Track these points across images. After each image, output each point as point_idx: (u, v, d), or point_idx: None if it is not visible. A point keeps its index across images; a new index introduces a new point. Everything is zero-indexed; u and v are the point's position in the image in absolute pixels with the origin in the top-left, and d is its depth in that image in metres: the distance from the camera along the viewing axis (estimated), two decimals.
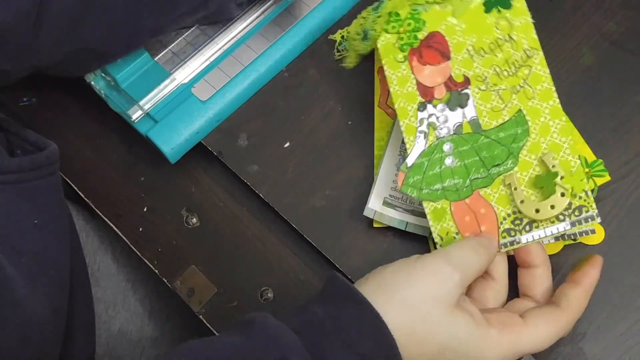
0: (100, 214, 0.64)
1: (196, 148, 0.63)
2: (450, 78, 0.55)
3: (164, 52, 0.65)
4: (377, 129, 0.61)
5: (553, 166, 0.52)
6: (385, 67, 0.56)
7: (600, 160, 0.55)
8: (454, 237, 0.53)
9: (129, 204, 0.64)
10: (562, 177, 0.52)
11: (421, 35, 0.56)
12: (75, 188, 0.65)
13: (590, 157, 0.56)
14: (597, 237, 0.55)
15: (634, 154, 0.58)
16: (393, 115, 0.61)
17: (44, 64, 0.58)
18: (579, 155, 0.55)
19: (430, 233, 0.56)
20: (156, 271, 0.61)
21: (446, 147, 0.54)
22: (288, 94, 0.64)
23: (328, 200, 0.60)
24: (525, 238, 0.52)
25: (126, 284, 0.70)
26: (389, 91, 0.62)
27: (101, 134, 0.67)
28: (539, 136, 0.53)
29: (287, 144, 0.62)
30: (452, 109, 0.55)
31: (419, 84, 0.55)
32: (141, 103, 0.62)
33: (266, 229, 0.61)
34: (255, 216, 0.62)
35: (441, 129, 0.55)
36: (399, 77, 0.56)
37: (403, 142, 0.59)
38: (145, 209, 0.63)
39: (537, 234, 0.52)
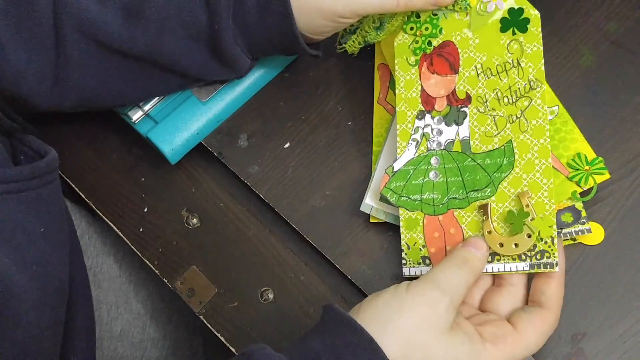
0: (100, 214, 0.64)
1: (196, 149, 0.63)
2: (454, 92, 0.56)
3: None
4: (376, 125, 0.61)
5: (527, 205, 0.52)
6: (397, 67, 0.57)
7: (600, 158, 0.55)
8: (420, 249, 0.54)
9: (130, 204, 0.64)
10: (532, 219, 0.52)
11: (435, 42, 0.57)
12: (76, 189, 0.65)
13: (591, 155, 0.56)
14: (597, 237, 0.55)
15: (634, 154, 0.58)
16: (392, 112, 0.61)
17: (69, 111, 0.61)
18: (579, 153, 0.55)
19: None
20: (157, 272, 0.61)
21: (433, 160, 0.55)
22: (288, 95, 0.64)
23: (328, 201, 0.60)
24: (486, 268, 0.52)
25: (128, 286, 0.71)
26: (388, 88, 0.62)
27: (102, 135, 0.67)
28: (522, 172, 0.53)
29: (287, 145, 0.62)
30: (448, 123, 0.55)
31: (423, 91, 0.56)
32: (141, 104, 0.62)
33: (266, 229, 0.61)
34: (255, 216, 0.62)
35: (433, 141, 0.55)
36: (407, 80, 0.57)
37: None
38: (145, 210, 0.64)
39: (497, 266, 0.52)
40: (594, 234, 0.55)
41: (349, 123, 0.62)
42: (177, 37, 0.55)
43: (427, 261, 0.54)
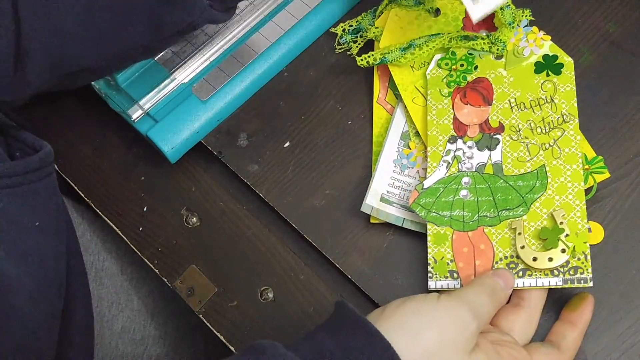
0: (100, 213, 0.64)
1: (196, 148, 0.63)
2: (487, 121, 0.57)
3: (164, 51, 0.65)
4: (375, 125, 0.62)
5: (561, 223, 0.52)
6: (428, 97, 0.59)
7: (600, 157, 0.55)
8: (447, 263, 0.54)
9: (129, 203, 0.64)
10: (567, 235, 0.52)
11: (470, 77, 0.59)
12: (76, 188, 0.65)
13: (590, 154, 0.56)
14: (597, 236, 0.55)
15: (634, 154, 0.58)
16: (391, 111, 0.61)
17: (41, 90, 0.58)
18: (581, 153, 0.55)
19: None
20: (156, 271, 0.61)
21: (465, 180, 0.56)
22: (288, 94, 0.64)
23: (328, 200, 0.60)
24: (516, 283, 0.52)
25: (129, 283, 0.71)
26: (387, 87, 0.62)
27: (101, 134, 0.67)
28: (555, 193, 0.54)
29: (287, 144, 0.62)
30: (480, 149, 0.56)
31: (455, 119, 0.58)
32: (141, 103, 0.62)
33: (266, 228, 0.61)
34: (255, 216, 0.62)
35: (465, 163, 0.56)
36: (439, 109, 0.58)
37: (401, 139, 0.59)
38: (145, 209, 0.64)
39: (528, 282, 0.52)
40: (594, 233, 0.55)
41: (349, 123, 0.62)
42: None
43: (455, 275, 0.54)
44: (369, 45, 0.64)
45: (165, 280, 0.61)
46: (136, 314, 0.70)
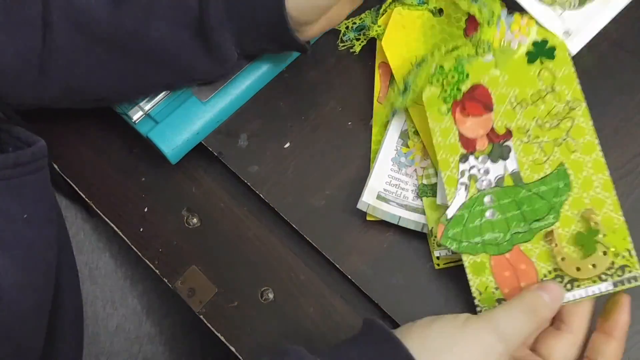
0: (101, 214, 0.64)
1: (197, 149, 0.63)
2: (492, 130, 0.55)
3: None
4: (375, 124, 0.62)
5: (595, 223, 0.50)
6: (429, 120, 0.56)
7: None
8: (493, 292, 0.52)
9: (130, 204, 0.64)
10: (604, 235, 0.50)
11: (464, 87, 0.56)
12: (77, 188, 0.65)
13: None
14: None
15: (634, 154, 0.58)
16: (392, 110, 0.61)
17: (50, 106, 0.60)
18: None
19: (427, 229, 0.57)
20: (157, 271, 0.61)
21: (487, 199, 0.54)
22: (288, 95, 0.64)
23: (328, 200, 0.60)
24: (567, 297, 0.50)
25: (124, 282, 0.71)
26: (389, 87, 0.62)
27: (102, 135, 0.67)
28: (581, 191, 0.52)
29: (287, 145, 0.62)
30: (493, 160, 0.54)
31: (461, 135, 0.55)
32: (142, 104, 0.62)
33: (266, 229, 0.62)
34: (255, 216, 0.62)
35: (482, 180, 0.54)
36: (442, 129, 0.55)
37: (400, 137, 0.59)
38: (145, 209, 0.64)
39: (578, 293, 0.50)
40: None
41: (349, 123, 0.62)
42: (164, 21, 0.55)
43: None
44: (371, 43, 0.64)
45: (166, 280, 0.61)
46: (131, 313, 0.70)
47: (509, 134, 0.54)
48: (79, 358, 0.60)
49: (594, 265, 0.50)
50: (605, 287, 0.50)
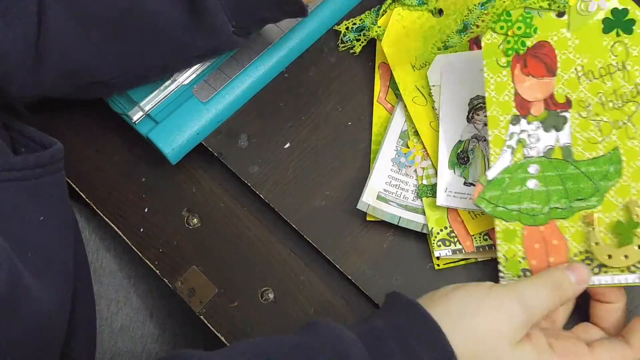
0: (101, 214, 0.64)
1: (197, 149, 0.63)
2: (552, 96, 0.52)
3: None
4: (375, 124, 0.62)
5: (637, 215, 0.49)
6: (485, 69, 0.53)
7: None
8: (519, 262, 0.52)
9: (130, 204, 0.64)
10: None
11: (529, 42, 0.52)
12: (77, 189, 0.65)
13: None
14: None
15: None
16: (391, 111, 0.61)
17: (54, 94, 0.60)
18: None
19: (427, 229, 0.57)
20: (157, 271, 0.61)
21: (532, 168, 0.52)
22: (288, 95, 0.64)
23: (328, 201, 0.60)
24: (592, 280, 0.50)
25: (128, 281, 0.71)
26: (388, 87, 0.62)
27: (102, 135, 0.67)
28: (630, 180, 0.50)
29: (287, 145, 0.63)
30: (546, 129, 0.52)
31: (517, 94, 0.52)
32: (142, 104, 0.62)
33: (266, 229, 0.62)
34: (255, 217, 0.62)
35: (531, 148, 0.52)
36: (498, 82, 0.53)
37: (400, 138, 0.59)
38: (146, 210, 0.64)
39: (604, 279, 0.50)
40: None
41: (349, 123, 0.62)
42: None
43: (528, 273, 0.52)
44: (371, 44, 0.64)
45: (166, 281, 0.61)
46: (135, 312, 0.70)
47: (568, 104, 0.51)
48: (92, 357, 0.60)
49: (626, 256, 0.49)
50: (632, 278, 0.50)
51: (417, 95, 0.60)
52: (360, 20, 0.65)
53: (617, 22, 0.50)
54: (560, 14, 0.51)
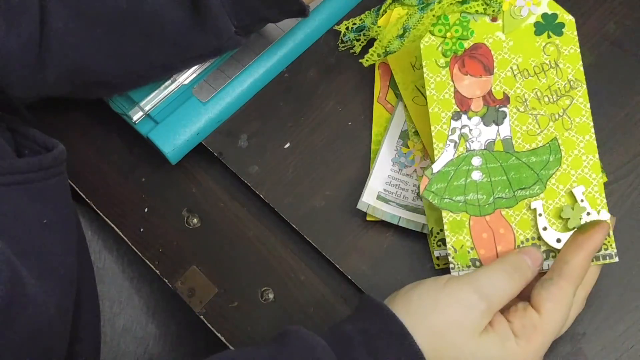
0: (101, 214, 0.64)
1: (197, 149, 0.63)
2: (490, 93, 0.54)
3: None
4: (375, 124, 0.62)
5: (582, 200, 0.51)
6: (425, 70, 0.55)
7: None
8: (468, 252, 0.53)
9: (130, 204, 0.64)
10: (588, 214, 0.51)
11: (466, 44, 0.55)
12: (77, 189, 0.65)
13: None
14: None
15: (634, 154, 0.58)
16: (391, 111, 0.61)
17: (56, 93, 0.60)
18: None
19: (427, 229, 0.57)
20: (157, 271, 0.61)
21: (475, 160, 0.54)
22: (288, 95, 0.64)
23: (328, 201, 0.60)
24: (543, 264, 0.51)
25: (130, 282, 0.71)
26: (388, 87, 0.62)
27: (102, 135, 0.67)
28: (569, 168, 0.52)
29: (287, 145, 0.63)
30: (486, 124, 0.54)
31: (456, 92, 0.55)
32: (142, 104, 0.62)
33: (266, 229, 0.62)
34: (255, 216, 0.62)
35: (472, 141, 0.54)
36: (437, 82, 0.55)
37: (400, 138, 0.59)
38: (146, 210, 0.64)
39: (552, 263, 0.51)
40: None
41: (349, 123, 0.62)
42: None
43: (478, 263, 0.52)
44: (371, 44, 0.64)
45: (166, 281, 0.61)
46: (137, 313, 0.70)
47: (506, 100, 0.54)
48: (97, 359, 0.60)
49: None
50: None
51: (417, 95, 0.60)
52: (360, 20, 0.65)
53: (548, 25, 0.55)
54: (495, 19, 0.55)
